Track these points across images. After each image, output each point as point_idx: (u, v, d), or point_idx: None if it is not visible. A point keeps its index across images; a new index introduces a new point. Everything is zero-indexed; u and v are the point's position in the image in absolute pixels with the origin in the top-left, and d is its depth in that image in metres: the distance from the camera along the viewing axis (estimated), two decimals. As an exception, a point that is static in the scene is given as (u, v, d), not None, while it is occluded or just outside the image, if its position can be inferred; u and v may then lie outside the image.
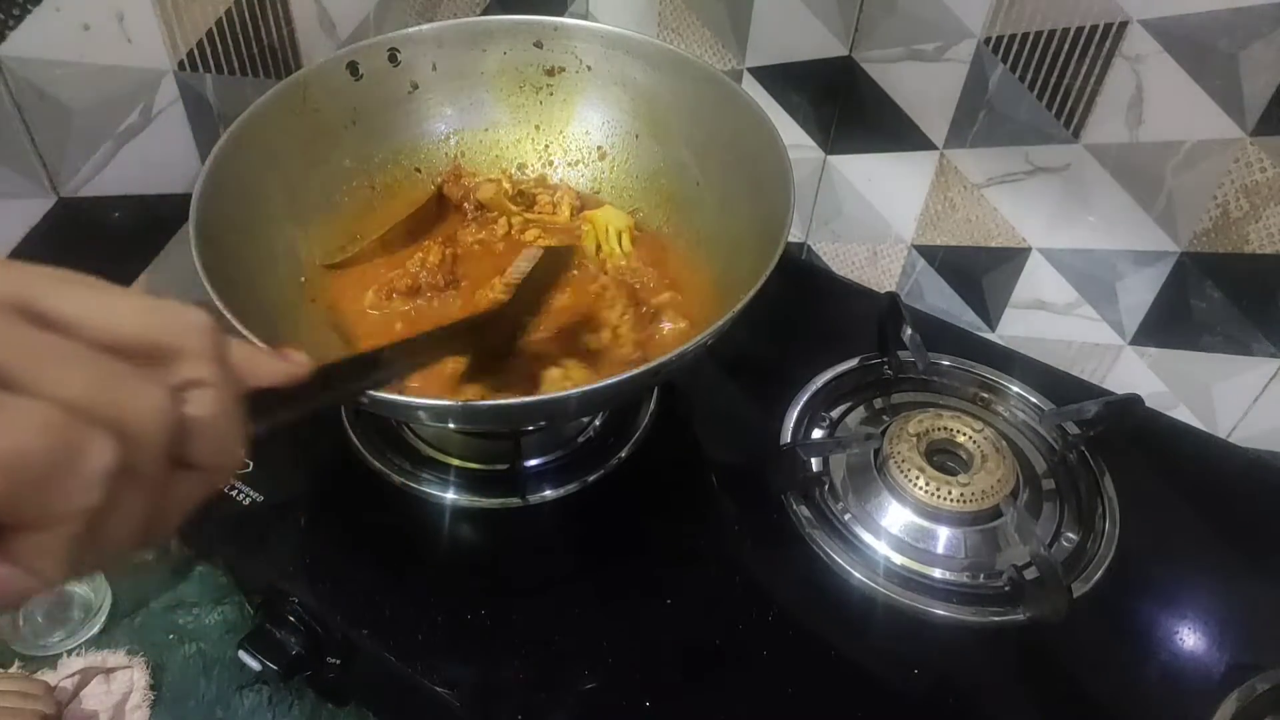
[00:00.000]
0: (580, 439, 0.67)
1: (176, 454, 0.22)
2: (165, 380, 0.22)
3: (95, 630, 0.66)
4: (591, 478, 0.64)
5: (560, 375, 0.58)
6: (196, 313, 0.23)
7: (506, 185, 0.72)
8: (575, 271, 0.67)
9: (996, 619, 0.58)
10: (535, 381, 0.58)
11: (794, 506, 0.63)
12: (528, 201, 0.72)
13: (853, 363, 0.73)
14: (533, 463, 0.65)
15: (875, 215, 0.82)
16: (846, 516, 0.63)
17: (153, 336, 0.22)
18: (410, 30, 0.69)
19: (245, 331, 0.47)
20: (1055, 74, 0.66)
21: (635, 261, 0.68)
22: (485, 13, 0.81)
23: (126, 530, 0.21)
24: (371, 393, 0.46)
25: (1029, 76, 0.67)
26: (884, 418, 0.68)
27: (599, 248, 0.69)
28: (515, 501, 0.63)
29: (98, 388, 0.20)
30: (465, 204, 0.72)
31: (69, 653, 0.64)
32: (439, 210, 0.72)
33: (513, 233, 0.71)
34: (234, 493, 0.62)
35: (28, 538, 0.20)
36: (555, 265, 0.62)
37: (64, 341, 0.21)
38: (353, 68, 0.67)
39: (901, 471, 0.62)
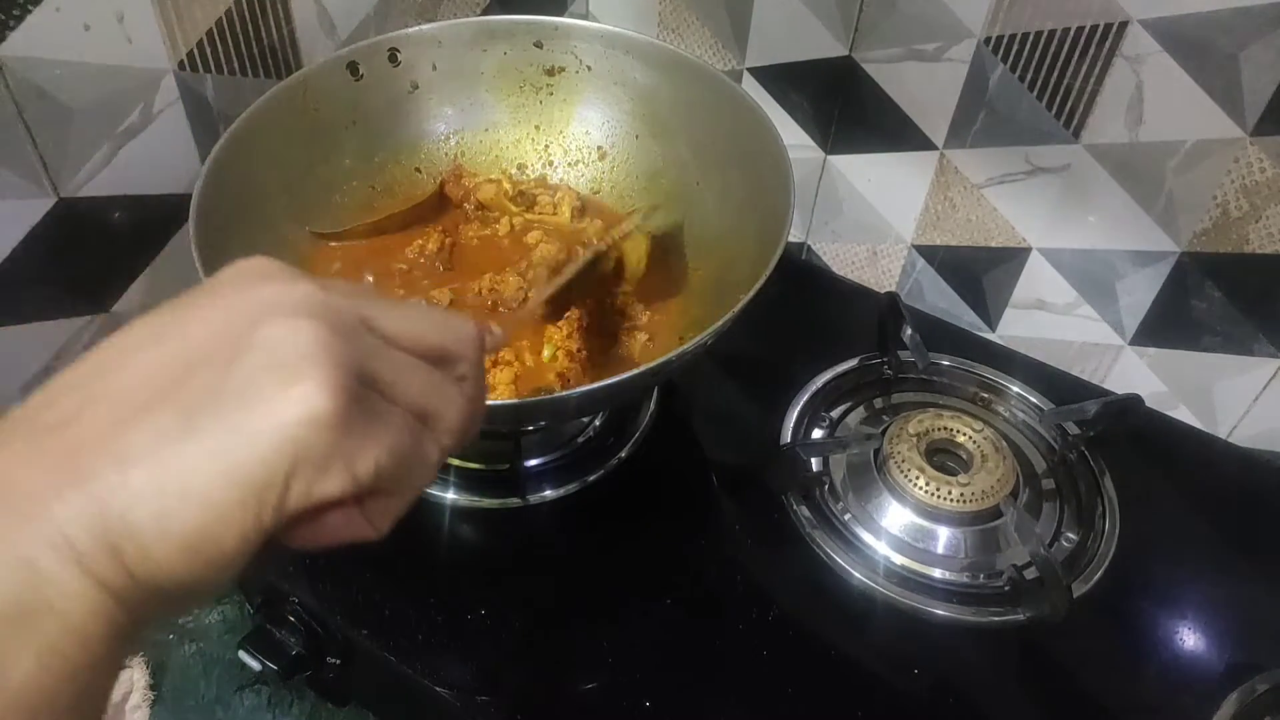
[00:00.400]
0: (580, 439, 0.67)
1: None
2: (452, 378, 0.29)
3: (95, 630, 0.66)
4: (591, 478, 0.64)
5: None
6: (469, 325, 0.30)
7: (507, 186, 0.72)
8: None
9: (996, 619, 0.58)
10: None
11: (794, 506, 0.63)
12: (528, 202, 0.72)
13: (853, 363, 0.73)
14: (533, 463, 0.65)
15: (875, 215, 0.82)
16: (846, 516, 0.63)
17: (446, 346, 0.29)
18: (410, 30, 0.69)
19: None
20: (1055, 74, 0.66)
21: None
22: (485, 13, 0.81)
23: (420, 485, 0.28)
24: None
25: (1029, 76, 0.67)
26: (884, 418, 0.68)
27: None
28: (515, 501, 0.63)
29: (428, 391, 0.27)
30: (465, 203, 0.72)
31: (69, 653, 0.64)
32: (438, 207, 0.72)
33: (515, 231, 0.71)
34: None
35: (381, 501, 0.26)
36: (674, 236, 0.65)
37: (401, 354, 0.27)
38: (353, 68, 0.67)
39: (901, 471, 0.62)
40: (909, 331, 0.72)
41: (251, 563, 0.24)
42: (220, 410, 0.23)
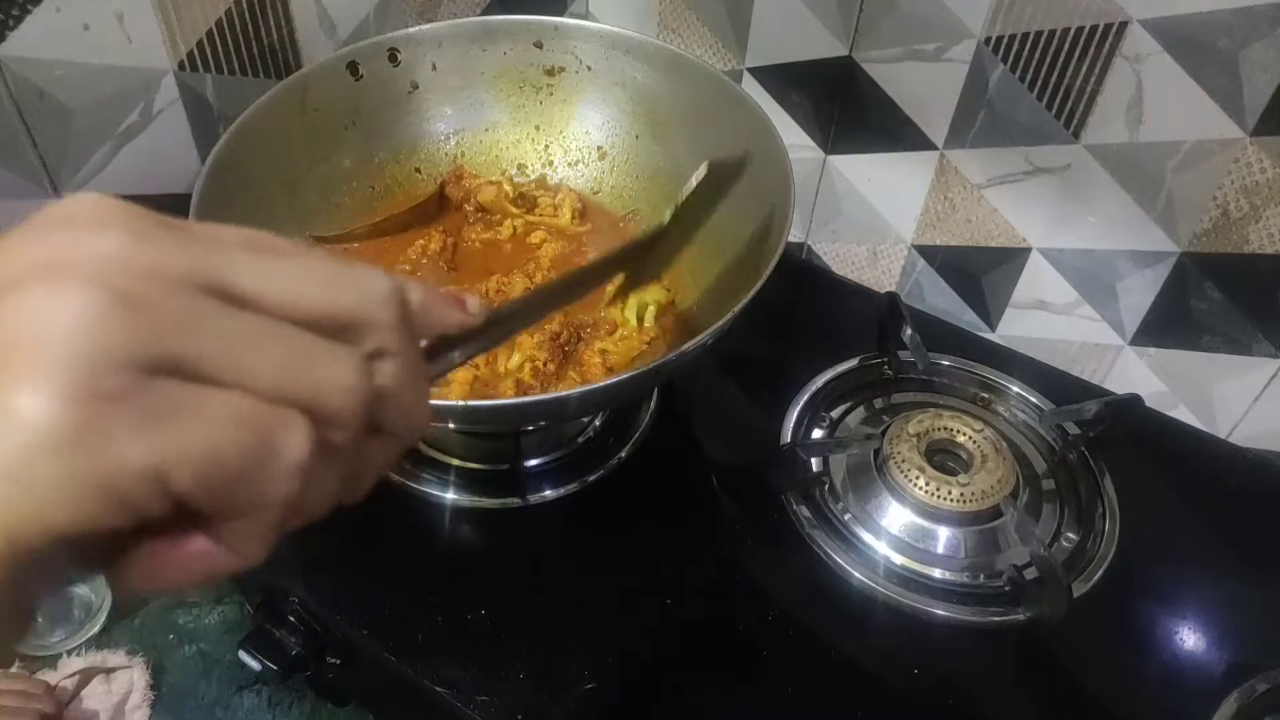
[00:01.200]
0: (580, 439, 0.67)
1: (368, 424, 0.22)
2: (355, 353, 0.21)
3: (95, 630, 0.66)
4: (591, 478, 0.64)
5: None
6: (381, 279, 0.22)
7: (508, 188, 0.72)
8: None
9: (996, 619, 0.58)
10: None
11: (794, 506, 0.63)
12: (529, 204, 0.72)
13: (853, 363, 0.73)
14: (533, 463, 0.65)
15: (875, 215, 0.82)
16: (846, 516, 0.63)
17: (341, 309, 0.21)
18: (410, 30, 0.69)
19: None
20: (1055, 74, 0.66)
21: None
22: (485, 13, 0.81)
23: (320, 503, 0.22)
24: None
25: (1029, 76, 0.67)
26: (884, 418, 0.68)
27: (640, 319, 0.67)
28: (515, 501, 0.63)
29: (292, 368, 0.20)
30: (466, 205, 0.72)
31: (69, 653, 0.64)
32: (439, 208, 0.72)
33: (517, 234, 0.71)
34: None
35: (232, 524, 0.20)
36: (723, 178, 0.56)
37: (254, 320, 0.20)
38: (353, 68, 0.67)
39: (901, 471, 0.62)
40: (909, 331, 0.72)
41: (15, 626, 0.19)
42: None
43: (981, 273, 0.79)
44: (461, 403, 0.54)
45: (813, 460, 0.66)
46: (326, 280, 0.21)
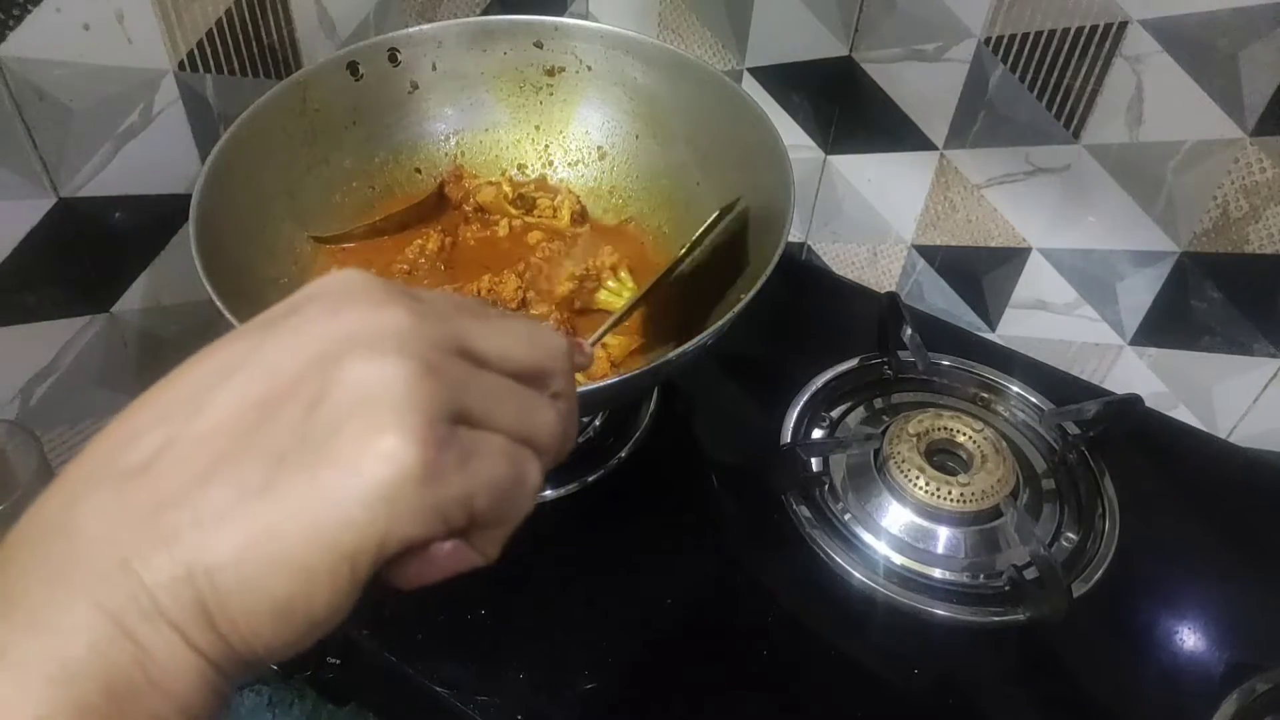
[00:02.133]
0: (580, 439, 0.67)
1: None
2: (547, 398, 0.27)
3: (95, 630, 0.66)
4: (591, 478, 0.64)
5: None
6: (560, 338, 0.29)
7: (507, 189, 0.72)
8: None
9: (996, 619, 0.58)
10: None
11: (794, 506, 0.63)
12: (528, 205, 0.72)
13: (853, 363, 0.73)
14: (533, 463, 0.65)
15: (875, 215, 0.82)
16: (846, 516, 0.63)
17: (539, 363, 0.27)
18: (410, 30, 0.69)
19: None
20: (1055, 74, 0.66)
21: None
22: (485, 13, 0.81)
23: (527, 506, 0.27)
24: None
25: (1029, 76, 0.67)
26: (884, 418, 0.68)
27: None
28: (515, 501, 0.63)
29: (523, 415, 0.26)
30: (465, 205, 0.72)
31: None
32: (437, 207, 0.72)
33: (514, 232, 0.71)
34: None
35: (486, 532, 0.25)
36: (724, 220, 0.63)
37: (495, 377, 0.25)
38: (353, 68, 0.67)
39: (901, 471, 0.62)
40: (909, 331, 0.72)
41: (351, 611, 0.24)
42: (303, 463, 0.22)
43: (981, 273, 0.79)
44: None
45: (813, 460, 0.66)
46: (528, 339, 0.27)
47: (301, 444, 0.22)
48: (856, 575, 0.59)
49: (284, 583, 0.22)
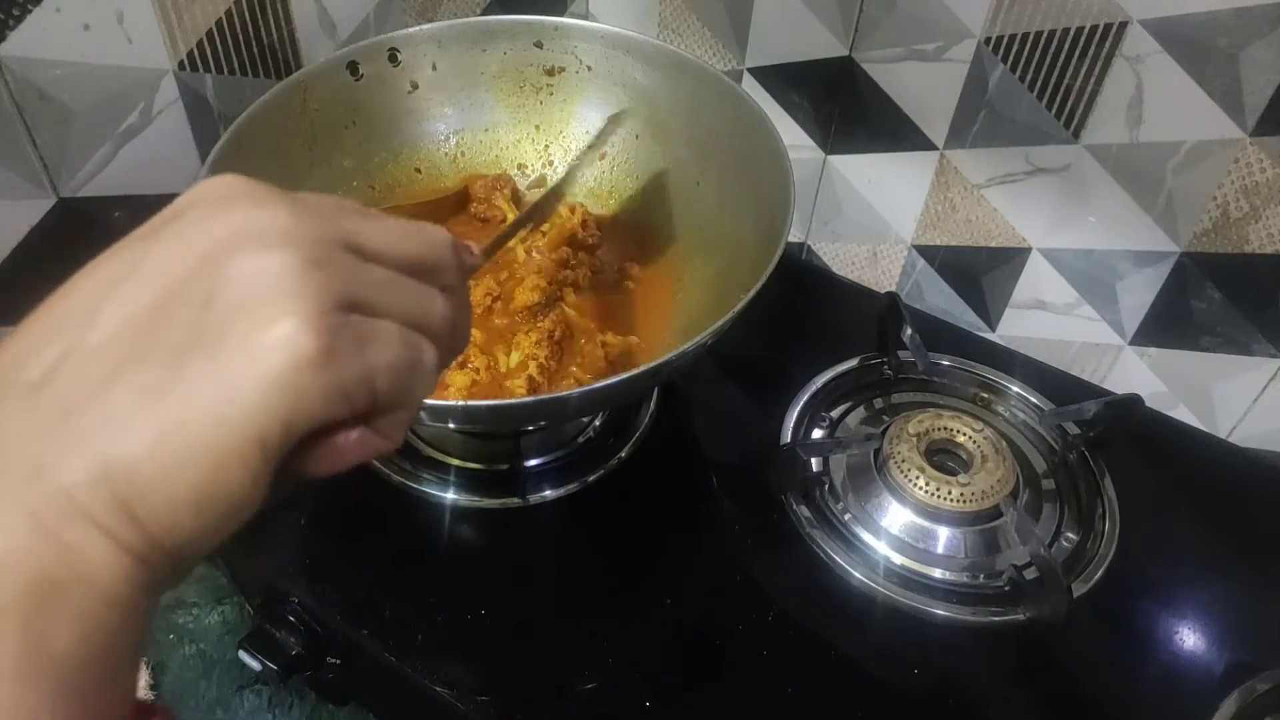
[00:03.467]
0: (580, 439, 0.67)
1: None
2: (436, 290, 0.28)
3: (95, 630, 0.66)
4: (591, 478, 0.64)
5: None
6: (444, 233, 0.29)
7: (504, 204, 0.72)
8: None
9: (996, 619, 0.58)
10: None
11: (794, 506, 0.63)
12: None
13: (853, 363, 0.73)
14: (533, 463, 0.65)
15: (875, 215, 0.82)
16: (846, 516, 0.63)
17: (424, 256, 0.28)
18: (410, 30, 0.69)
19: None
20: (1055, 74, 0.66)
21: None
22: (485, 13, 0.81)
23: (424, 396, 0.28)
24: None
25: (1029, 76, 0.67)
26: (884, 418, 0.68)
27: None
28: (515, 501, 0.63)
29: (414, 304, 0.27)
30: (474, 208, 0.72)
31: (69, 653, 0.64)
32: (453, 208, 0.72)
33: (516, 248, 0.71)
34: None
35: (389, 416, 0.26)
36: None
37: (383, 270, 0.26)
38: (353, 68, 0.67)
39: (901, 471, 0.62)
40: (909, 331, 0.72)
41: (266, 501, 0.24)
42: (202, 357, 0.22)
43: (981, 273, 0.79)
44: (461, 403, 0.54)
45: (813, 460, 0.66)
46: (413, 234, 0.28)
47: (198, 340, 0.22)
48: (856, 575, 0.59)
49: (199, 471, 0.22)
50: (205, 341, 0.22)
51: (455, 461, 0.65)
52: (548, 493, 0.64)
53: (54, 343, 0.23)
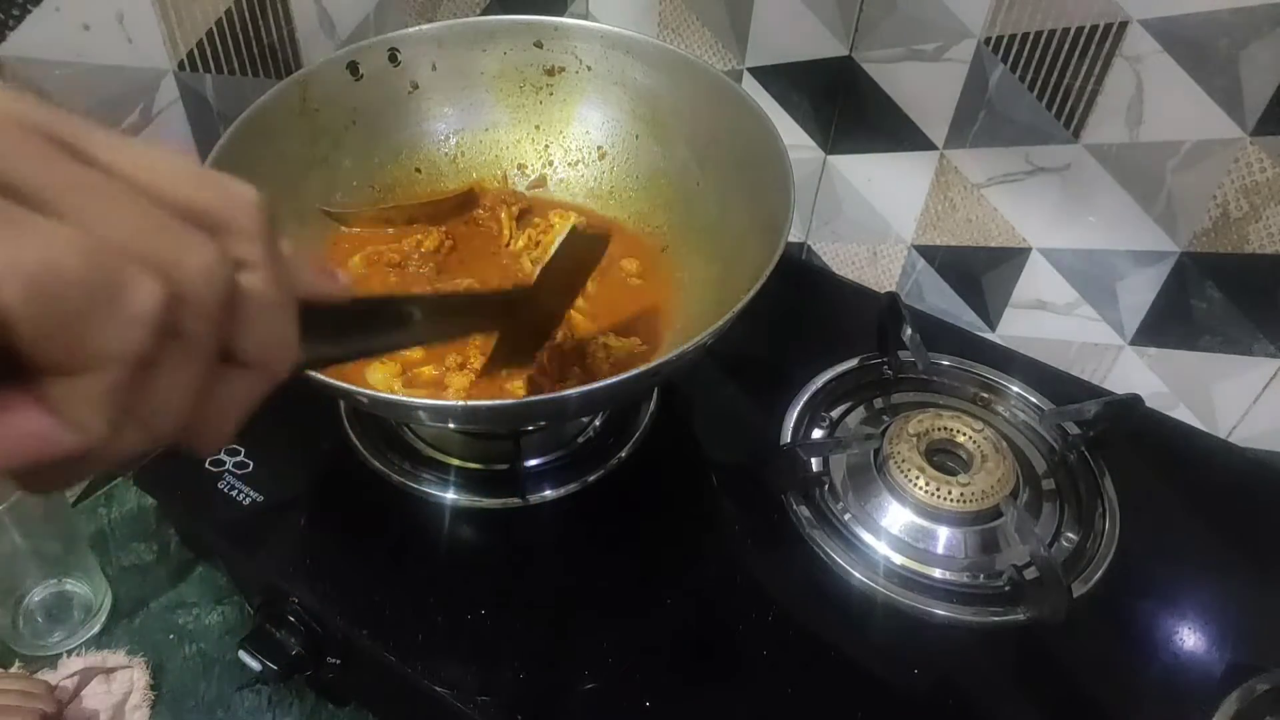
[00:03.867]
0: (580, 439, 0.67)
1: (227, 336, 0.20)
2: (216, 246, 0.19)
3: (95, 630, 0.66)
4: (591, 478, 0.64)
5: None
6: (247, 187, 0.21)
7: (504, 216, 0.72)
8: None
9: (996, 619, 0.58)
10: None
11: (794, 506, 0.63)
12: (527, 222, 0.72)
13: (853, 363, 0.73)
14: (533, 463, 0.65)
15: (875, 215, 0.82)
16: (846, 516, 0.63)
17: (202, 201, 0.20)
18: (410, 30, 0.69)
19: None
20: (1055, 74, 0.66)
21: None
22: (485, 13, 0.81)
23: (173, 402, 0.19)
24: (370, 393, 0.47)
25: (1029, 76, 0.67)
26: (884, 418, 0.68)
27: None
28: (515, 501, 0.63)
29: (144, 231, 0.18)
30: (479, 214, 0.72)
31: (69, 653, 0.64)
32: (455, 211, 0.72)
33: (519, 251, 0.71)
34: (233, 493, 0.62)
35: (65, 382, 0.17)
36: (585, 252, 0.56)
37: (105, 179, 0.18)
38: (353, 68, 0.67)
39: (901, 471, 0.62)
40: (909, 331, 0.72)
41: None
42: None
43: (981, 272, 0.79)
44: (461, 403, 0.54)
45: (813, 460, 0.66)
46: (187, 172, 0.20)
47: None
48: (856, 575, 0.59)
49: None
50: None
51: (455, 461, 0.65)
52: (548, 493, 0.64)
53: None
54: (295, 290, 0.22)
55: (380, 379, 0.60)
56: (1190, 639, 0.58)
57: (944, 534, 0.61)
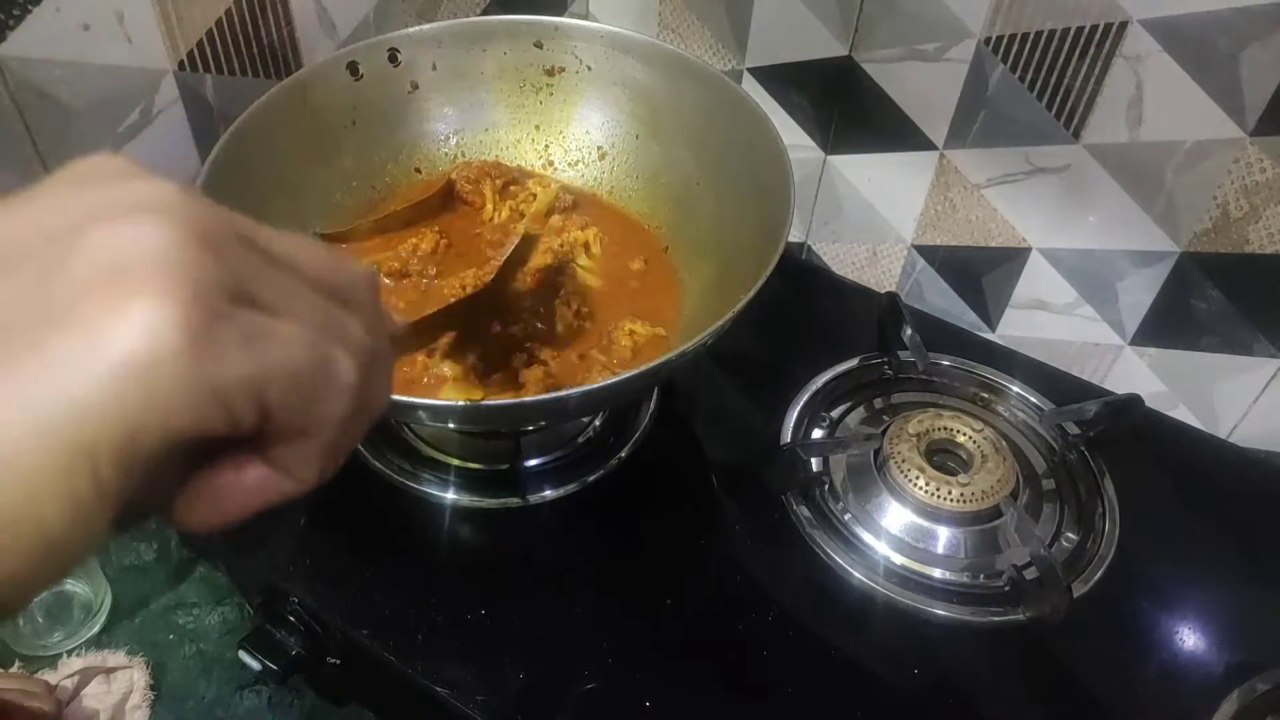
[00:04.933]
0: (580, 439, 0.67)
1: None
2: (362, 319, 0.23)
3: (95, 630, 0.66)
4: (591, 478, 0.64)
5: (541, 374, 0.60)
6: (367, 268, 0.26)
7: (489, 195, 0.71)
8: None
9: (996, 619, 0.58)
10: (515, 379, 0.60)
11: (794, 506, 0.63)
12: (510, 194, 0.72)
13: (853, 363, 0.73)
14: (533, 463, 0.65)
15: (875, 215, 0.82)
16: (846, 516, 0.63)
17: (342, 283, 0.23)
18: (410, 30, 0.69)
19: None
20: (1055, 74, 0.66)
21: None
22: (485, 13, 0.81)
23: (349, 447, 0.23)
24: None
25: (1029, 76, 0.67)
26: (884, 418, 0.68)
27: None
28: (515, 501, 0.63)
29: (328, 316, 0.22)
30: (462, 187, 0.72)
31: (69, 653, 0.64)
32: (443, 206, 0.72)
33: (502, 224, 0.71)
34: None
35: (291, 445, 0.21)
36: (526, 249, 0.63)
37: (293, 276, 0.22)
38: (353, 68, 0.67)
39: (901, 471, 0.62)
40: (909, 331, 0.72)
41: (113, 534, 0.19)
42: (30, 338, 0.17)
43: (981, 273, 0.79)
44: (461, 403, 0.54)
45: (813, 460, 0.66)
46: (329, 257, 0.24)
47: (32, 318, 0.17)
48: (856, 575, 0.59)
49: (3, 487, 0.17)
50: (39, 317, 0.17)
51: (455, 461, 0.65)
52: (548, 493, 0.64)
53: None
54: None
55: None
56: (1190, 638, 0.58)
57: (944, 534, 0.61)
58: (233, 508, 0.21)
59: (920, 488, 0.61)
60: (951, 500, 0.60)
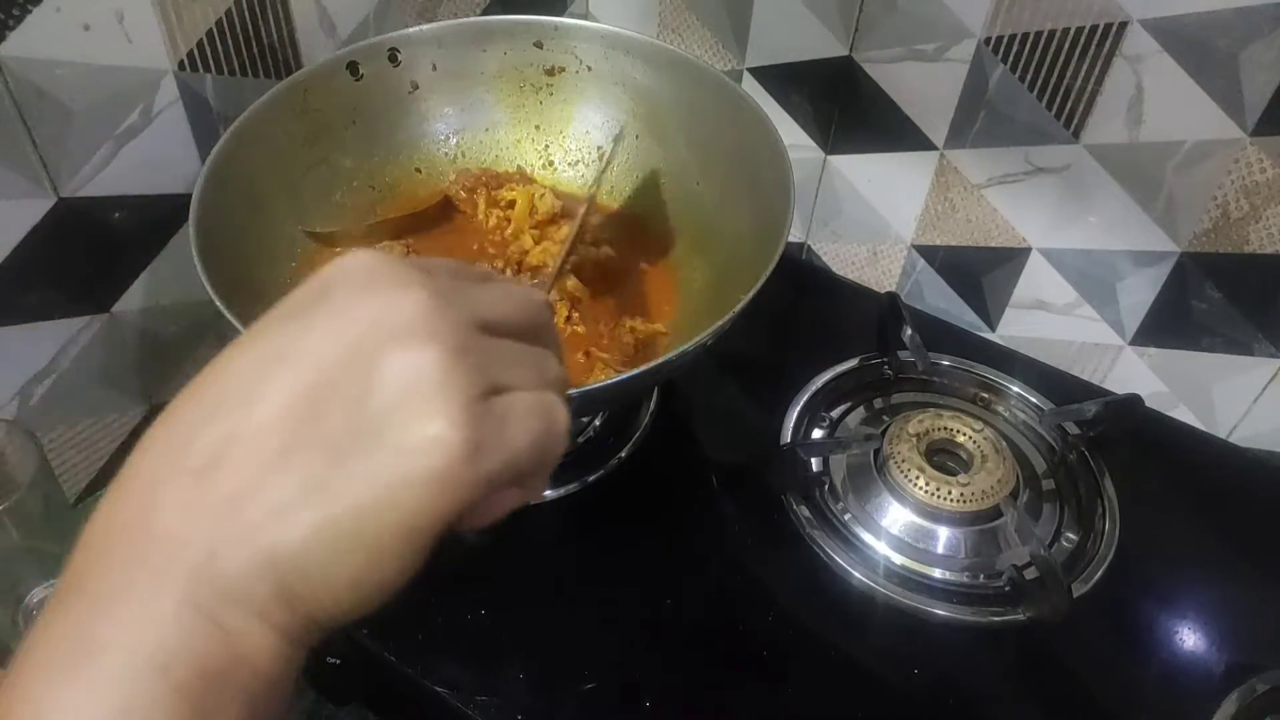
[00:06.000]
0: (580, 439, 0.67)
1: None
2: (547, 350, 0.29)
3: (95, 630, 0.66)
4: (591, 478, 0.64)
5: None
6: (540, 294, 0.31)
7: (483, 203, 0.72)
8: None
9: (996, 619, 0.58)
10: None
11: (794, 506, 0.63)
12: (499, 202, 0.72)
13: (853, 363, 0.73)
14: (533, 463, 0.65)
15: (875, 215, 0.82)
16: (846, 516, 0.63)
17: (532, 321, 0.29)
18: (410, 30, 0.69)
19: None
20: (1055, 74, 0.66)
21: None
22: (485, 13, 0.81)
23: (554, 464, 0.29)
24: None
25: (1029, 76, 0.67)
26: (884, 418, 0.68)
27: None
28: (515, 501, 0.63)
29: (539, 372, 0.28)
30: (458, 195, 0.72)
31: (69, 653, 0.64)
32: (439, 218, 0.72)
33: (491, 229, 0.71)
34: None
35: (532, 479, 0.28)
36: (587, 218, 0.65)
37: (509, 344, 0.28)
38: (353, 68, 0.67)
39: (901, 471, 0.62)
40: (909, 331, 0.72)
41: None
42: (360, 453, 0.24)
43: (981, 273, 0.79)
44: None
45: (813, 460, 0.66)
46: (518, 300, 0.29)
47: (356, 435, 0.24)
48: (856, 575, 0.59)
49: (357, 561, 0.24)
50: (363, 437, 0.24)
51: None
52: (547, 492, 0.64)
53: (213, 424, 0.24)
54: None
55: None
56: (1190, 639, 0.58)
57: (944, 534, 0.61)
58: (489, 517, 0.28)
59: (920, 488, 0.61)
60: (951, 500, 0.60)
